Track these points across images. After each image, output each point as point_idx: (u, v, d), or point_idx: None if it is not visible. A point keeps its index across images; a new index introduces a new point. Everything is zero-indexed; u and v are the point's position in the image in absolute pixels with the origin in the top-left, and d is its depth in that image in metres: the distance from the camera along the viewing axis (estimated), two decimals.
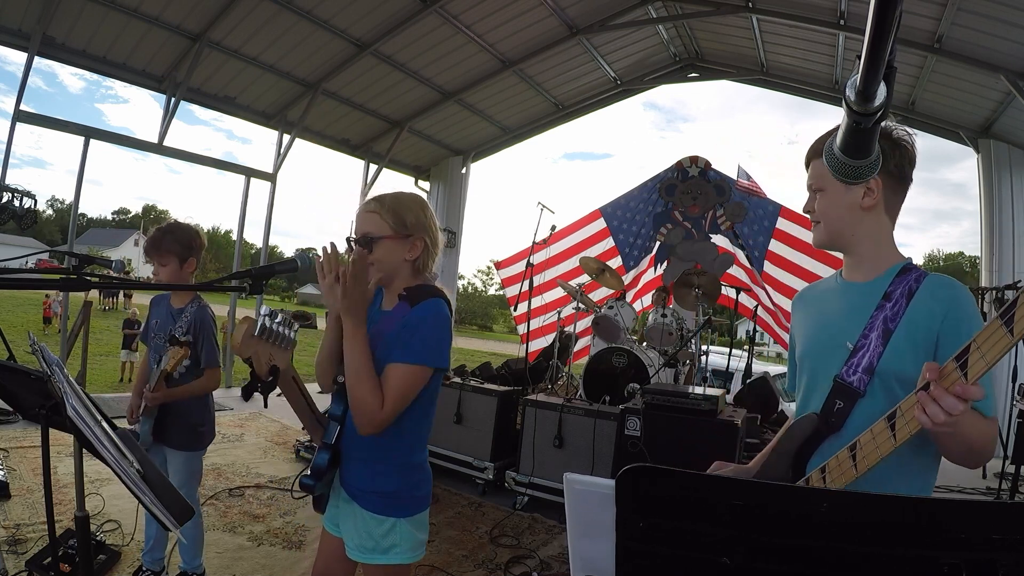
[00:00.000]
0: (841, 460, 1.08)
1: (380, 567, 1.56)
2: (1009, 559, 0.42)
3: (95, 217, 67.74)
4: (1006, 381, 6.50)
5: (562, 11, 7.33)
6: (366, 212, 1.60)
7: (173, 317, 2.50)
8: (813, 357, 1.31)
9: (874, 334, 1.18)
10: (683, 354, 5.77)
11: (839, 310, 1.29)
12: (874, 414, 1.10)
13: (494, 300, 50.82)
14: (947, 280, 1.21)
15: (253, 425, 5.93)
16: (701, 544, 0.46)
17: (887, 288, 1.22)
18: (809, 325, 1.36)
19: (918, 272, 1.23)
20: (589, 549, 0.51)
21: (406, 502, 1.60)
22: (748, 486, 0.45)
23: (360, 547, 1.57)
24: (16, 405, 1.58)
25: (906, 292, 1.19)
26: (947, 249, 69.65)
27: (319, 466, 1.55)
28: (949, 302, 1.15)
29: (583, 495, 0.50)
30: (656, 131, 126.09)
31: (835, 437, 1.19)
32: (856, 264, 1.30)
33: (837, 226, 1.28)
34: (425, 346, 1.50)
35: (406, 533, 1.58)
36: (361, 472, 1.58)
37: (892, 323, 1.18)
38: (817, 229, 1.31)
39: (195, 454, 2.53)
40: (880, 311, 1.20)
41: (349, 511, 1.60)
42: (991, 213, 7.04)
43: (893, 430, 1.00)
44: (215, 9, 6.16)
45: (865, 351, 1.19)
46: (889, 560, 0.43)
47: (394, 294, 1.62)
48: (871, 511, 0.43)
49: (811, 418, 1.24)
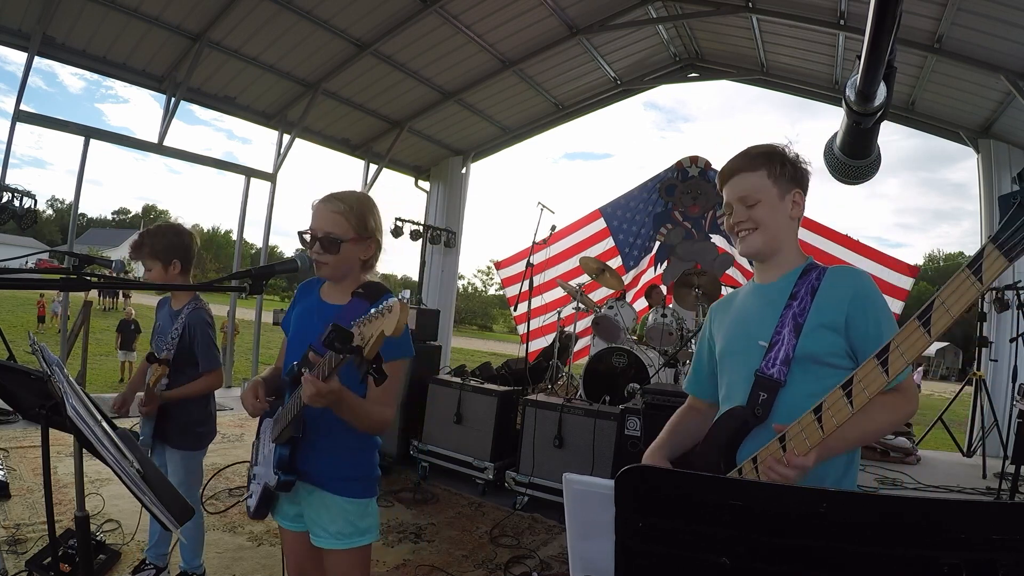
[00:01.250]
0: (772, 451, 1.17)
1: (356, 550, 1.60)
2: (1009, 559, 0.42)
3: (95, 217, 67.77)
4: (1006, 381, 6.51)
5: (562, 11, 7.33)
6: (332, 212, 1.63)
7: (172, 319, 2.50)
8: (732, 356, 1.43)
9: (786, 330, 1.31)
10: (683, 354, 5.77)
11: (751, 311, 1.43)
12: (797, 399, 1.23)
13: (494, 300, 50.83)
14: (847, 269, 1.40)
15: (253, 425, 5.91)
16: (700, 544, 0.46)
17: (792, 289, 1.35)
18: (726, 327, 1.48)
19: (819, 269, 1.37)
20: (589, 549, 0.51)
21: (373, 482, 1.66)
22: (748, 486, 0.45)
23: (337, 534, 1.58)
24: (16, 405, 1.58)
25: (810, 290, 1.34)
26: (947, 249, 69.62)
27: (283, 458, 1.54)
28: (852, 287, 1.31)
29: (583, 495, 0.50)
30: (657, 131, 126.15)
31: (762, 427, 1.29)
32: (768, 268, 1.43)
33: (776, 234, 1.39)
34: (404, 341, 1.57)
35: (375, 512, 1.66)
36: (327, 460, 1.59)
37: (800, 318, 1.31)
38: (753, 237, 1.40)
39: (195, 454, 2.52)
40: (788, 309, 1.33)
41: (317, 501, 1.60)
42: (991, 213, 7.04)
43: (820, 423, 1.08)
44: (215, 9, 6.15)
45: (780, 345, 1.31)
46: (889, 560, 0.43)
47: (345, 291, 1.68)
48: (871, 511, 0.43)
49: (739, 410, 1.34)
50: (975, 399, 6.46)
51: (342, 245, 1.61)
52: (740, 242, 1.42)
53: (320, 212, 1.64)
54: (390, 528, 3.60)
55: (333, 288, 1.72)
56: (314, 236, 1.62)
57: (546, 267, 7.36)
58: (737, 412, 1.34)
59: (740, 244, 1.43)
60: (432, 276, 9.59)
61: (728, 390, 1.43)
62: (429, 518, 3.84)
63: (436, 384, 4.84)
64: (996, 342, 6.60)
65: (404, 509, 3.97)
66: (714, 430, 1.39)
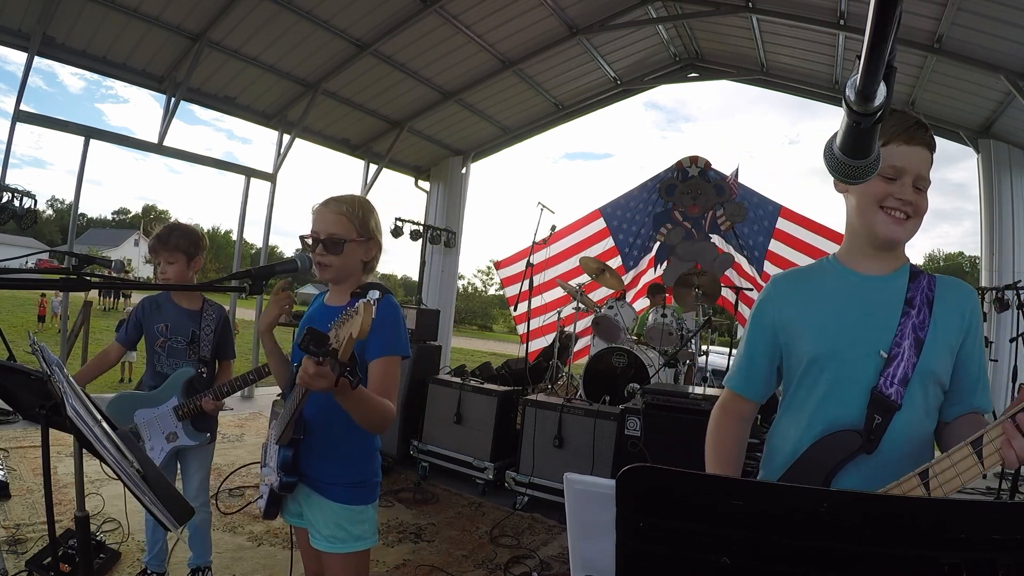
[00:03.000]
0: (907, 489, 0.98)
1: (352, 555, 1.60)
2: (1009, 559, 0.42)
3: (95, 217, 67.72)
4: (1006, 381, 6.51)
5: (562, 11, 7.33)
6: (336, 214, 1.66)
7: (191, 319, 2.51)
8: (836, 361, 1.20)
9: (906, 342, 1.14)
10: (683, 354, 5.77)
11: (860, 310, 1.20)
12: (908, 426, 1.12)
13: (494, 300, 50.79)
14: (959, 283, 1.24)
15: (253, 425, 5.93)
16: (701, 544, 0.46)
17: (907, 293, 1.19)
18: (817, 319, 1.23)
19: (928, 276, 1.22)
20: (589, 549, 0.51)
21: (371, 488, 1.67)
22: (748, 486, 0.45)
23: (331, 538, 1.59)
24: (16, 405, 1.58)
25: (925, 300, 1.18)
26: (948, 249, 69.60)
27: (287, 459, 1.56)
28: (971, 309, 1.20)
29: (583, 495, 0.50)
30: (657, 131, 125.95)
31: (867, 456, 1.13)
32: (884, 258, 1.23)
33: (916, 228, 1.20)
34: (399, 338, 1.61)
35: (372, 518, 1.66)
36: (325, 466, 1.60)
37: (921, 331, 1.15)
38: (910, 225, 1.18)
39: (212, 447, 2.57)
40: (907, 318, 1.16)
41: (315, 504, 1.62)
42: (991, 213, 7.04)
43: (980, 457, 0.95)
44: (215, 9, 6.15)
45: (900, 360, 1.14)
46: (889, 560, 0.43)
47: (345, 292, 1.69)
48: (871, 511, 0.43)
49: (850, 435, 1.15)
50: None
51: (345, 245, 1.64)
52: (889, 223, 1.17)
53: (322, 214, 1.67)
54: (390, 528, 3.60)
55: (336, 291, 1.74)
56: (316, 238, 1.64)
57: (546, 267, 7.36)
58: (848, 436, 1.15)
59: (889, 226, 1.17)
60: (432, 276, 9.59)
61: (827, 403, 1.20)
62: (429, 518, 3.84)
63: (436, 384, 4.84)
64: (996, 342, 6.60)
65: (404, 509, 3.97)
66: (817, 452, 1.18)
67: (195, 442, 2.44)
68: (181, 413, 2.39)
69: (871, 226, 1.19)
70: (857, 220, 1.23)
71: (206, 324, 2.51)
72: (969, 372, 1.19)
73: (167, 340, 2.50)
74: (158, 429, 2.39)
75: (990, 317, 6.63)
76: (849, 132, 0.65)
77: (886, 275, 1.22)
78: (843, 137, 0.67)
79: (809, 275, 1.33)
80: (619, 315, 5.97)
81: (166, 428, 2.40)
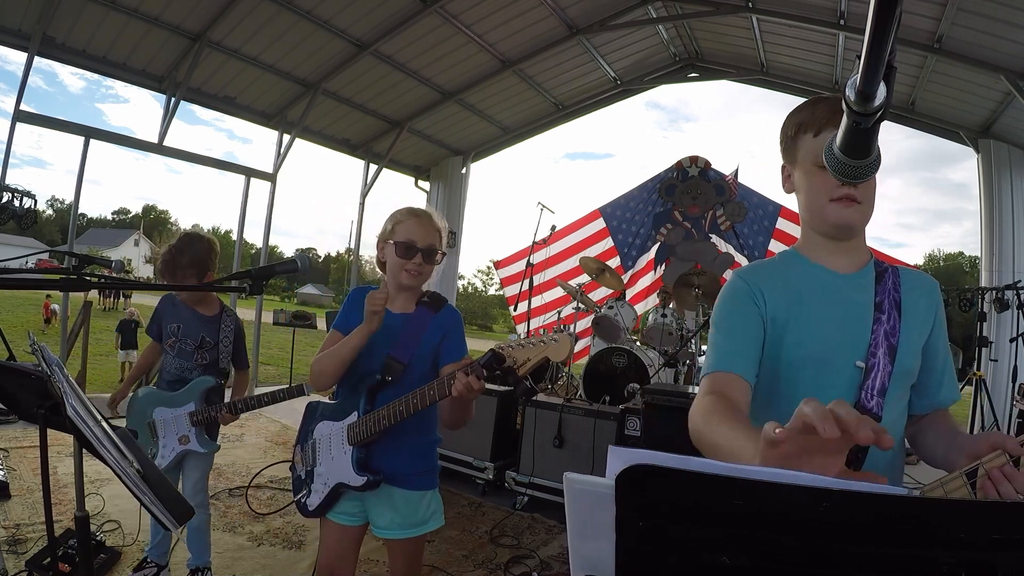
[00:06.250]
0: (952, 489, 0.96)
1: (419, 538, 1.76)
2: (1009, 559, 0.42)
3: (95, 217, 67.78)
4: (1006, 381, 6.51)
5: (562, 11, 7.33)
6: (438, 228, 1.82)
7: (201, 324, 2.52)
8: (819, 368, 1.16)
9: (880, 351, 1.13)
10: (683, 354, 5.77)
11: (838, 312, 1.17)
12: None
13: (494, 300, 50.82)
14: (921, 276, 1.26)
15: (253, 425, 5.93)
16: (702, 543, 0.46)
17: (876, 297, 1.17)
18: (801, 319, 1.18)
19: (892, 274, 1.21)
20: (589, 549, 0.51)
21: (435, 473, 1.84)
22: (749, 486, 0.45)
23: (402, 525, 1.72)
24: (15, 405, 1.58)
25: (893, 303, 1.17)
26: (948, 249, 69.61)
27: (362, 459, 1.68)
28: (937, 305, 1.23)
29: (583, 495, 0.50)
30: (659, 131, 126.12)
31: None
32: (845, 251, 1.21)
33: (870, 213, 1.18)
34: (465, 343, 1.84)
35: (439, 500, 1.82)
36: (400, 458, 1.72)
37: (893, 338, 1.14)
38: (858, 211, 1.15)
39: (215, 447, 2.59)
40: (879, 325, 1.15)
41: (384, 496, 1.72)
42: (991, 213, 7.04)
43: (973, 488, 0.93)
44: (215, 9, 6.15)
45: (876, 372, 1.13)
46: (888, 560, 0.43)
47: (411, 299, 1.83)
48: (870, 510, 0.43)
49: None
50: (975, 399, 6.46)
51: (437, 256, 1.80)
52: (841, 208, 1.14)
53: (421, 226, 1.78)
54: None
55: (401, 297, 1.83)
56: (414, 247, 1.75)
57: (546, 267, 7.36)
58: None
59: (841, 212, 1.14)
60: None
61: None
62: None
63: None
64: (996, 342, 6.60)
65: None
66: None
67: (205, 450, 2.47)
68: (195, 420, 2.42)
69: (824, 218, 1.17)
70: (809, 216, 1.22)
71: (224, 335, 2.53)
72: (935, 363, 1.22)
73: (177, 340, 2.51)
74: (172, 430, 2.43)
75: (990, 317, 6.63)
76: (849, 132, 0.65)
77: (853, 273, 1.20)
78: (843, 137, 0.67)
79: (776, 268, 1.28)
80: (619, 315, 5.97)
81: (180, 431, 2.44)
